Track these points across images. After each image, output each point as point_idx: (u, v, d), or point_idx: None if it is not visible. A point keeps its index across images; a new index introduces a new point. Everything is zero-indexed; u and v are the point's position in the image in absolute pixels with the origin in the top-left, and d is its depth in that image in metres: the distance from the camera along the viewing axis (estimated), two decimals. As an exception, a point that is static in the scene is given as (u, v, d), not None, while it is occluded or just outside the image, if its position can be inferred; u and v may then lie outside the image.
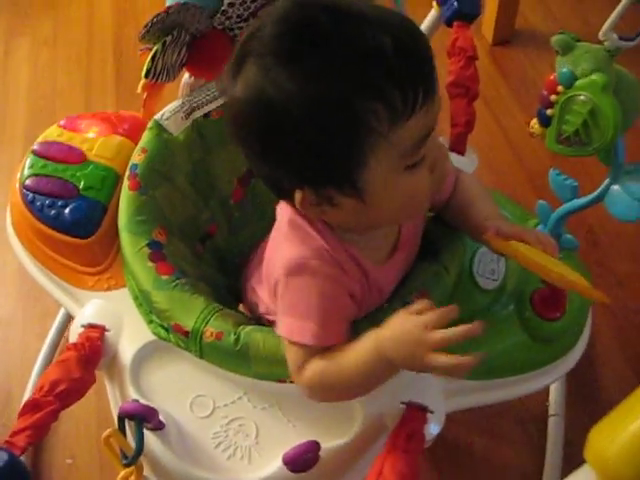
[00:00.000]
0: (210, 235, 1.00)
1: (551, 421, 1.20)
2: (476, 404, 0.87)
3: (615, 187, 0.82)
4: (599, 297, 0.72)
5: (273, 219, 1.03)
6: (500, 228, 0.75)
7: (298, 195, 0.69)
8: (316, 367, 0.72)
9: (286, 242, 0.75)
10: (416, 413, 0.79)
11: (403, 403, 0.80)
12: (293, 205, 0.72)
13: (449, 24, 1.06)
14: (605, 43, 0.84)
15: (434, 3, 1.10)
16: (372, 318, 0.77)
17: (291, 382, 0.81)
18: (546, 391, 1.23)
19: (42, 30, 1.99)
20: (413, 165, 0.68)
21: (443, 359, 0.64)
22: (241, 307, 1.03)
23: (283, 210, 0.78)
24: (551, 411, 1.21)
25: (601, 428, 0.60)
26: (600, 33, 0.84)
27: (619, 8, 0.83)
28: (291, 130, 0.64)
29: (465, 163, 1.00)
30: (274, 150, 0.67)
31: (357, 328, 0.75)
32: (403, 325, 0.67)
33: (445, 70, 1.03)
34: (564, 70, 0.79)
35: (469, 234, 0.83)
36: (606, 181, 0.83)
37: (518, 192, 1.46)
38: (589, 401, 1.23)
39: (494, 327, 0.83)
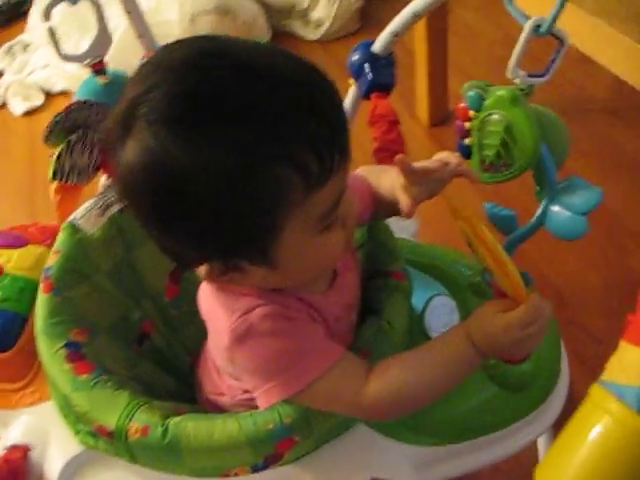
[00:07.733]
0: (146, 334, 0.93)
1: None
2: (454, 473, 0.77)
3: (554, 208, 0.77)
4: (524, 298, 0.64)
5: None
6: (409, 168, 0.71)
7: (203, 268, 0.63)
8: (383, 381, 0.67)
9: (223, 308, 0.68)
10: (384, 490, 0.70)
11: (372, 481, 0.71)
12: None
13: (367, 96, 1.05)
14: (515, 81, 0.81)
15: (350, 80, 1.10)
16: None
17: (236, 474, 0.72)
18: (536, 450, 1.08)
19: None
20: (327, 226, 0.63)
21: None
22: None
23: None
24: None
25: (545, 467, 0.57)
26: (508, 72, 0.81)
27: (520, 43, 0.81)
28: (193, 202, 0.57)
29: (404, 226, 0.96)
30: (174, 223, 0.60)
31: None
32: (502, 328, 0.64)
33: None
34: (471, 94, 0.77)
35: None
36: (543, 203, 0.78)
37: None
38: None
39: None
